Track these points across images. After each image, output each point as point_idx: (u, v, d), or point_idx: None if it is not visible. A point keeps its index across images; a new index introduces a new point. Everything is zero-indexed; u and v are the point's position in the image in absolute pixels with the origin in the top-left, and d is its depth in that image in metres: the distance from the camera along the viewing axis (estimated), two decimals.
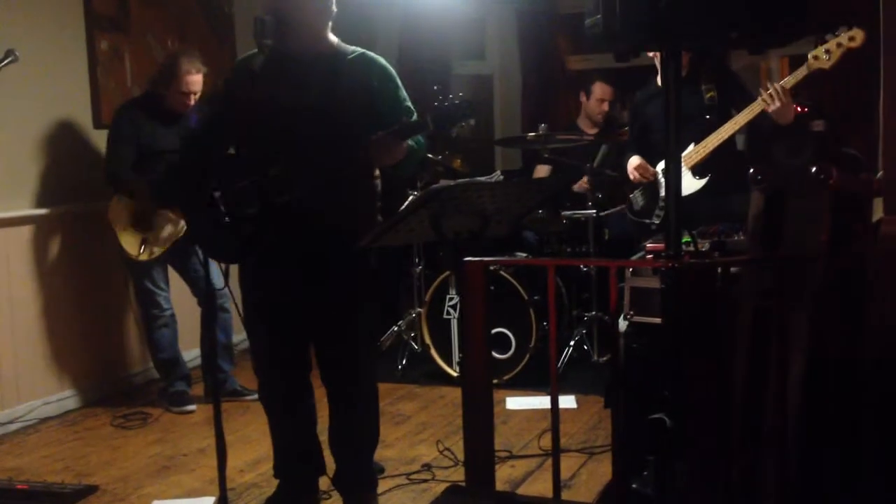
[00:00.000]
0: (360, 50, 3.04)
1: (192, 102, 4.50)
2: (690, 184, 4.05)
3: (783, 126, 3.87)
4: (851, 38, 3.52)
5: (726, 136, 4.03)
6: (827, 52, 3.58)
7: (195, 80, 4.46)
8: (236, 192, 2.90)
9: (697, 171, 4.10)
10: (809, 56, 3.68)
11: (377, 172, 3.12)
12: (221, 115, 3.10)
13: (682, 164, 4.04)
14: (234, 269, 3.12)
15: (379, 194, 3.15)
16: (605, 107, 5.64)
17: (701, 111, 4.14)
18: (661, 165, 4.33)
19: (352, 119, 2.92)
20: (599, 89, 5.62)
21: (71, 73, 4.72)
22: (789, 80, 3.79)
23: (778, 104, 3.79)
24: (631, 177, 4.45)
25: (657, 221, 4.33)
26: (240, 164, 3.04)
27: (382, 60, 3.05)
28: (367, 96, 2.96)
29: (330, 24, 3.01)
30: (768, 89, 3.82)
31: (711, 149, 4.05)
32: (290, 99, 2.93)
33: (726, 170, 4.10)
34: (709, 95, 4.14)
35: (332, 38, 3.03)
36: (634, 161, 4.44)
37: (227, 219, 2.89)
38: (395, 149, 2.91)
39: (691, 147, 4.09)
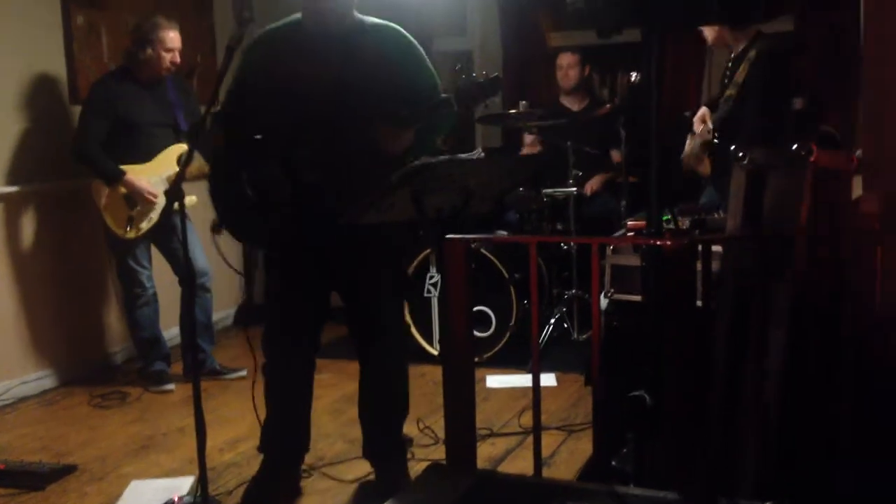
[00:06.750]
0: (380, 22, 3.01)
1: (177, 60, 4.44)
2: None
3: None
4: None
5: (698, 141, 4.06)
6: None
7: (174, 37, 4.41)
8: (266, 176, 2.90)
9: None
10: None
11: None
12: (251, 88, 3.06)
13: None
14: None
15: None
16: (572, 73, 5.58)
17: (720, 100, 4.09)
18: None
19: (373, 94, 2.86)
20: (561, 59, 5.60)
21: (47, 48, 4.64)
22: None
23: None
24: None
25: None
26: (266, 147, 3.00)
27: (400, 30, 3.02)
28: (388, 69, 2.91)
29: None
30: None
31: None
32: (312, 78, 2.91)
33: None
34: (728, 94, 4.00)
35: (356, 13, 3.01)
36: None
37: (257, 204, 2.91)
38: (401, 138, 2.85)
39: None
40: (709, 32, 4.11)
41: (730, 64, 4.20)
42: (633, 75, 4.86)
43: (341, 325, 3.33)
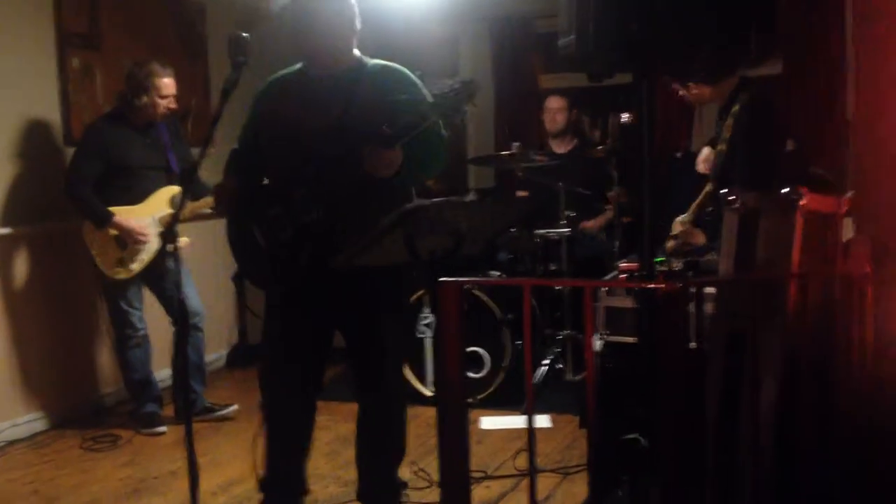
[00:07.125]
0: (380, 62, 3.06)
1: (171, 106, 4.47)
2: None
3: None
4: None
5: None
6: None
7: (169, 84, 4.43)
8: (269, 220, 2.96)
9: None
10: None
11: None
12: (261, 137, 3.13)
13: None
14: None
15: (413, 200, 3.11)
16: (560, 117, 5.64)
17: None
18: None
19: (371, 134, 2.85)
20: (550, 102, 5.66)
21: (42, 89, 4.66)
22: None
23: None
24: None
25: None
26: (269, 191, 3.06)
27: (401, 70, 3.06)
28: (388, 109, 2.90)
29: (355, 41, 3.02)
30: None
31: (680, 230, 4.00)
32: (311, 121, 2.95)
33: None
34: (719, 149, 3.71)
35: (356, 52, 3.06)
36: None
37: (264, 247, 2.97)
38: (385, 159, 2.82)
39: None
40: (688, 95, 4.09)
41: (722, 114, 4.19)
42: (624, 116, 4.90)
43: (334, 366, 3.31)
